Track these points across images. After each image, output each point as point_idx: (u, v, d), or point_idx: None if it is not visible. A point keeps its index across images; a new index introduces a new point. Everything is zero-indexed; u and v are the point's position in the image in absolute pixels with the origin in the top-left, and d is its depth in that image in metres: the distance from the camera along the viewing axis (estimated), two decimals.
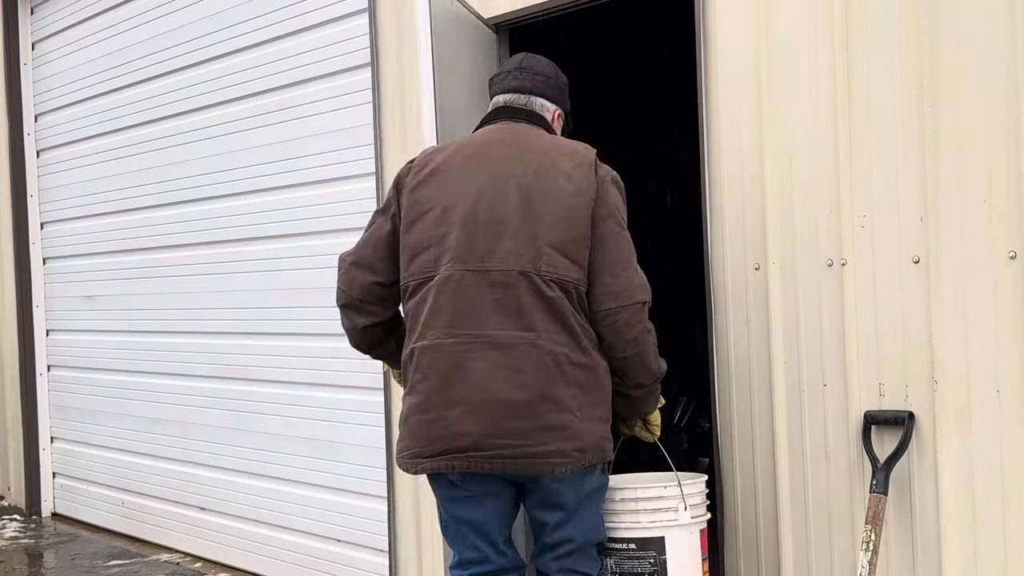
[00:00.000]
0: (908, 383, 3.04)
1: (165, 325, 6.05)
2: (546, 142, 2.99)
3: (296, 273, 5.14)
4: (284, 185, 5.17)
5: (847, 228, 3.15)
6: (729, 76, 3.40)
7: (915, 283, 3.02)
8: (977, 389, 2.92)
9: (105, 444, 6.58)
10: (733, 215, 3.41)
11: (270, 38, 5.21)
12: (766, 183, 3.32)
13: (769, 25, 3.31)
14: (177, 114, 5.84)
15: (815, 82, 3.20)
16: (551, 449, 2.78)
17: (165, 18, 5.88)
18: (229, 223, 5.52)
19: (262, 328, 5.37)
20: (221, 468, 5.65)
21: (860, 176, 3.12)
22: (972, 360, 2.92)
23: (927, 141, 2.98)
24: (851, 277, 3.15)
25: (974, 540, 2.93)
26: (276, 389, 5.29)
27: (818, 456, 3.24)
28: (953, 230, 2.94)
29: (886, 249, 3.07)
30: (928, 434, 3.02)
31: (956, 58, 2.92)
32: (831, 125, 3.17)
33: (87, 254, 6.66)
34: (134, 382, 6.29)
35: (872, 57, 3.08)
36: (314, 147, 5.00)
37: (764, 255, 3.33)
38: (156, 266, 6.07)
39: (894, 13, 3.03)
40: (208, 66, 5.62)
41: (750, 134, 3.36)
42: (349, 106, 4.80)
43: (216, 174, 5.57)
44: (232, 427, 5.57)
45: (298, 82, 5.08)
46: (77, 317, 6.82)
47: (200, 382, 5.79)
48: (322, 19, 4.94)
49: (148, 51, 6.01)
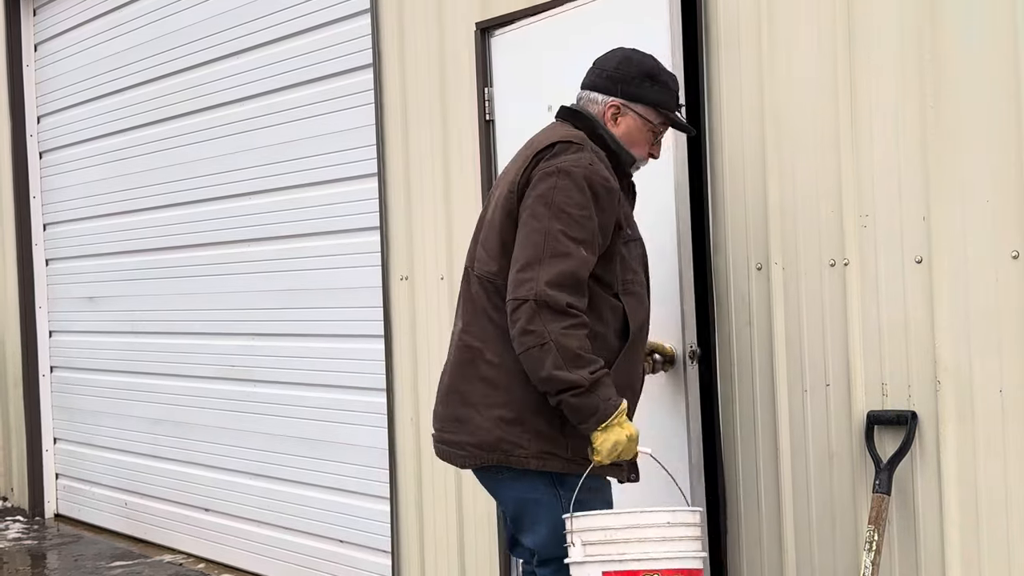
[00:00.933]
0: (911, 383, 3.04)
1: (168, 326, 6.05)
2: (543, 136, 3.00)
3: (299, 274, 5.14)
4: (286, 186, 5.18)
5: (849, 228, 3.14)
6: (731, 70, 3.40)
7: (918, 283, 3.01)
8: (980, 389, 2.91)
9: (108, 445, 6.59)
10: (735, 215, 3.41)
11: (272, 39, 5.22)
12: (768, 183, 3.32)
13: (771, 23, 3.30)
14: (180, 115, 5.85)
15: (818, 80, 3.20)
16: (456, 439, 2.94)
17: (167, 19, 5.89)
18: (232, 224, 5.53)
19: (265, 329, 5.38)
20: (224, 469, 5.66)
21: (862, 175, 3.11)
22: (975, 360, 2.91)
23: (929, 140, 2.98)
24: (854, 277, 3.14)
25: (977, 540, 2.93)
26: (279, 390, 5.29)
27: (821, 456, 3.24)
28: (955, 230, 2.93)
29: (888, 249, 3.07)
30: (931, 434, 3.01)
31: (958, 56, 2.92)
32: (833, 124, 3.17)
33: (90, 255, 6.67)
34: (137, 383, 6.30)
35: (874, 56, 3.08)
36: (317, 148, 5.00)
37: (766, 255, 3.33)
38: (159, 267, 6.08)
39: (896, 11, 3.03)
40: (210, 67, 5.63)
41: (751, 134, 3.36)
42: (351, 107, 4.81)
43: (218, 175, 5.58)
44: (235, 428, 5.57)
45: (300, 83, 5.09)
46: (80, 318, 6.83)
47: (203, 383, 5.79)
48: (324, 20, 4.95)
49: (151, 52, 6.02)
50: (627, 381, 2.94)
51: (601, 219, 2.83)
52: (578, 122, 3.00)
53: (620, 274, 2.92)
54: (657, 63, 3.05)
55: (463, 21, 4.24)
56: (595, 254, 2.82)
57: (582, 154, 2.86)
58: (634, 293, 2.96)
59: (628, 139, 3.00)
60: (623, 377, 2.91)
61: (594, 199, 2.81)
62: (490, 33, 4.14)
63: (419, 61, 4.45)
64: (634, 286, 2.96)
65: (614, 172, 2.93)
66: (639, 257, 3.02)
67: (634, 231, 3.00)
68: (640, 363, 3.07)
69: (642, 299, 3.00)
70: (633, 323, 2.94)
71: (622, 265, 2.92)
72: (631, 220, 3.02)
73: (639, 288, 2.98)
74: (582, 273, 2.77)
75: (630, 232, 2.97)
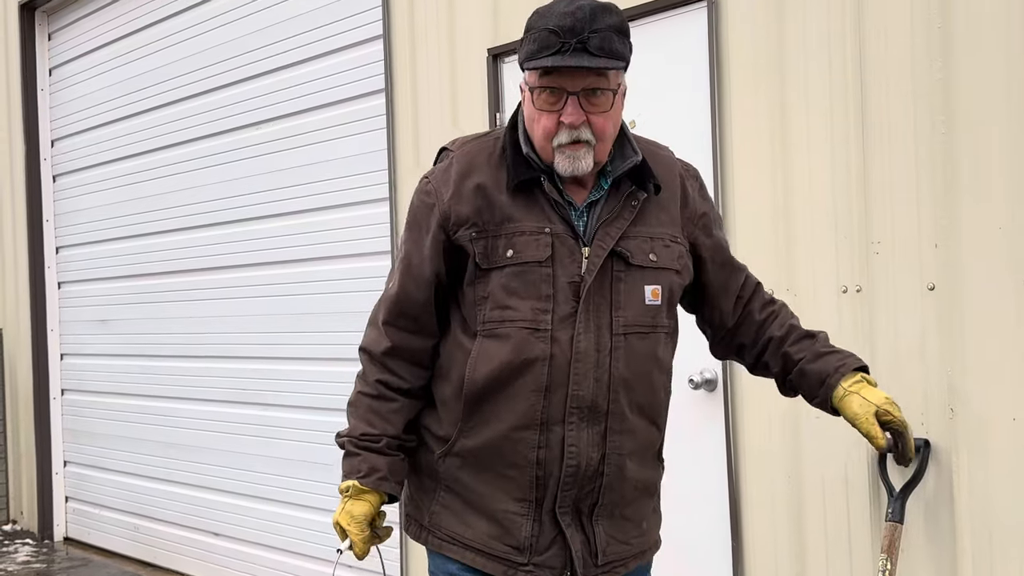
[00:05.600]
0: (924, 411, 3.02)
1: (179, 349, 6.06)
2: None
3: (311, 298, 5.15)
4: (298, 210, 5.20)
5: (861, 255, 3.14)
6: (743, 91, 3.41)
7: (931, 310, 3.01)
8: (994, 417, 2.90)
9: (118, 468, 6.59)
10: (747, 241, 3.40)
11: (285, 64, 5.25)
12: (780, 208, 3.32)
13: (781, 37, 3.31)
14: (192, 140, 5.88)
15: (830, 108, 3.20)
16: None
17: (180, 45, 5.93)
18: (243, 248, 5.54)
19: (276, 352, 5.38)
20: (234, 493, 5.65)
21: (874, 203, 3.11)
22: (989, 388, 2.90)
23: (941, 168, 2.97)
24: (866, 304, 3.14)
25: (991, 570, 2.91)
26: (291, 414, 5.29)
27: (837, 483, 3.22)
28: (968, 257, 2.93)
29: (901, 276, 3.06)
30: (944, 462, 3.00)
31: (971, 85, 2.92)
32: (844, 151, 3.17)
33: (102, 278, 6.69)
34: (147, 406, 6.31)
35: (887, 84, 3.08)
36: (329, 172, 5.02)
37: (778, 281, 3.33)
38: (171, 290, 6.09)
39: (907, 41, 3.03)
40: (221, 93, 5.66)
41: (766, 158, 3.36)
42: (364, 132, 4.83)
43: (230, 199, 5.60)
44: (246, 451, 5.57)
45: (312, 108, 5.12)
46: (91, 341, 6.84)
47: (214, 406, 5.79)
48: (336, 46, 4.98)
49: (164, 77, 6.06)
50: (491, 448, 2.24)
51: (422, 243, 2.29)
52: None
53: (487, 311, 2.22)
54: (544, 8, 2.20)
55: (474, 47, 4.27)
56: (419, 288, 2.29)
57: (438, 164, 2.35)
58: (499, 336, 2.21)
59: (528, 121, 2.25)
60: (478, 442, 2.25)
61: (412, 221, 2.33)
62: (501, 59, 4.16)
63: (431, 86, 4.47)
64: (503, 327, 2.20)
65: (537, 167, 2.23)
66: (538, 283, 2.20)
67: (522, 251, 2.20)
68: (530, 420, 2.21)
69: (522, 341, 2.19)
70: (476, 370, 2.21)
71: (492, 299, 2.22)
72: (523, 233, 2.21)
73: (515, 328, 2.19)
74: (383, 314, 2.33)
75: (511, 254, 2.21)
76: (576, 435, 2.21)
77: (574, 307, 2.20)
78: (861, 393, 2.37)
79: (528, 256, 2.20)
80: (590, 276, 2.20)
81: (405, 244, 2.34)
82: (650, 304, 2.26)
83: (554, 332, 2.19)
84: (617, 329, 2.22)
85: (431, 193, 2.29)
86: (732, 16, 3.42)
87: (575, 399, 2.20)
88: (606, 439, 2.23)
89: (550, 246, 2.20)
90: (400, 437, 2.31)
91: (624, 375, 2.23)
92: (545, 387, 2.19)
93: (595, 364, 2.20)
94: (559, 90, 2.15)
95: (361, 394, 2.35)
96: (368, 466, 2.28)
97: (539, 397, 2.20)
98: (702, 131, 3.49)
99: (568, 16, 2.13)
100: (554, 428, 2.21)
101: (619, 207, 2.25)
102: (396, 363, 2.32)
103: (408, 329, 2.31)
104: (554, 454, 2.21)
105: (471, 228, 2.23)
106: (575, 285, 2.20)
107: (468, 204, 2.23)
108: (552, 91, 2.16)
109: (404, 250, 2.33)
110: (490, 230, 2.22)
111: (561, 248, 2.21)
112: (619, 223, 2.24)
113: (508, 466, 2.23)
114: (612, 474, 2.25)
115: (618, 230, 2.23)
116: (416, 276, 2.30)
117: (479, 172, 2.26)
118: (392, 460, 2.30)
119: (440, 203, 2.26)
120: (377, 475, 2.28)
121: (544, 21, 2.15)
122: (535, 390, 2.19)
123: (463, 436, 2.26)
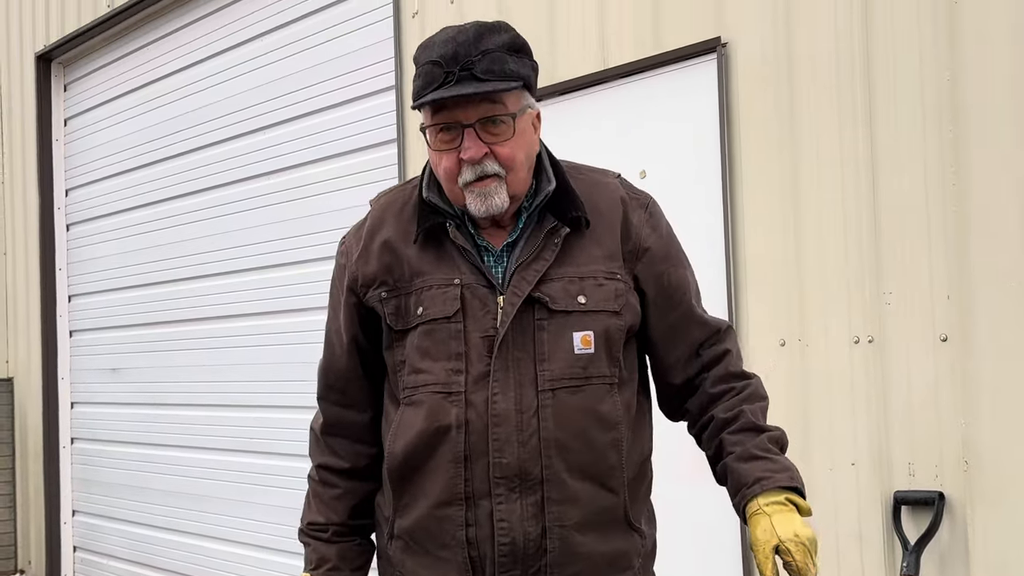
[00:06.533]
0: (938, 463, 3.00)
1: (189, 398, 6.06)
2: None
3: (320, 347, 5.14)
4: (310, 259, 5.21)
5: (873, 305, 3.13)
6: (753, 143, 3.42)
7: (944, 362, 2.99)
8: (1009, 470, 2.87)
9: (126, 518, 6.56)
10: (758, 291, 3.40)
11: (299, 115, 5.29)
12: (792, 258, 3.32)
13: (792, 89, 3.33)
14: (204, 189, 5.92)
15: (841, 159, 3.21)
16: None
17: (194, 96, 5.99)
18: (255, 296, 5.56)
19: (286, 401, 5.37)
20: (243, 543, 5.62)
21: (886, 254, 3.11)
22: (1004, 441, 2.88)
23: (953, 218, 2.97)
24: (878, 355, 3.12)
25: None
26: (300, 463, 5.24)
27: (851, 536, 3.19)
28: (982, 309, 2.92)
29: (913, 327, 3.05)
30: (960, 515, 2.97)
31: (982, 138, 2.93)
32: (855, 201, 3.17)
33: (113, 327, 6.70)
34: (156, 455, 6.29)
35: (897, 136, 3.09)
36: (342, 221, 5.02)
37: (789, 331, 3.32)
38: (182, 339, 6.10)
39: (917, 93, 3.05)
40: (234, 143, 5.70)
41: (777, 208, 3.36)
42: (376, 181, 4.84)
43: (243, 248, 5.63)
44: (255, 501, 5.54)
45: (325, 158, 5.15)
46: (102, 390, 6.84)
47: (223, 455, 5.78)
48: (350, 96, 5.02)
49: (177, 128, 6.11)
50: (422, 528, 2.02)
51: (339, 309, 2.16)
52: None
53: (405, 376, 2.03)
54: (427, 40, 1.99)
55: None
56: (339, 357, 2.17)
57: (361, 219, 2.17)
58: (414, 403, 2.00)
59: (433, 165, 2.03)
60: (410, 522, 2.04)
61: (331, 285, 2.19)
62: None
63: None
64: (417, 392, 2.00)
65: (447, 213, 2.03)
66: (448, 341, 1.98)
67: (430, 307, 1.99)
68: (449, 495, 1.98)
69: (435, 407, 1.98)
70: (395, 442, 2.02)
71: (408, 363, 2.02)
72: (431, 288, 2.00)
73: (428, 393, 1.99)
74: (317, 388, 2.23)
75: (421, 312, 1.99)
76: (506, 508, 1.94)
77: (489, 364, 1.95)
78: (773, 518, 1.97)
79: (436, 312, 1.98)
80: (503, 328, 1.95)
81: (328, 311, 2.19)
82: (580, 353, 1.96)
83: (468, 394, 1.94)
84: (543, 385, 1.95)
85: (344, 254, 2.13)
86: (743, 68, 3.44)
87: (498, 468, 1.93)
88: (544, 510, 1.95)
89: (458, 299, 1.97)
90: (347, 524, 2.17)
91: (556, 436, 1.94)
92: (464, 456, 1.95)
93: (517, 427, 1.93)
94: (454, 126, 1.93)
95: (310, 478, 2.26)
96: (317, 556, 2.18)
97: (459, 468, 1.95)
98: (711, 181, 3.50)
99: (450, 43, 1.91)
100: (481, 503, 1.95)
101: (539, 246, 1.98)
102: (335, 440, 2.18)
103: (339, 403, 2.16)
104: (484, 532, 1.95)
105: (379, 288, 2.04)
106: (489, 340, 1.95)
107: (376, 262, 2.04)
108: (446, 128, 1.93)
109: (327, 317, 2.18)
110: (401, 287, 2.02)
111: (472, 300, 1.97)
112: (538, 264, 1.97)
113: (440, 547, 1.99)
114: (558, 550, 1.96)
115: (536, 273, 1.96)
116: (336, 344, 2.15)
117: (387, 227, 2.06)
118: (342, 547, 2.17)
119: (349, 264, 2.10)
120: (327, 566, 2.17)
121: (427, 53, 1.94)
122: (452, 460, 1.95)
123: (398, 516, 2.06)
